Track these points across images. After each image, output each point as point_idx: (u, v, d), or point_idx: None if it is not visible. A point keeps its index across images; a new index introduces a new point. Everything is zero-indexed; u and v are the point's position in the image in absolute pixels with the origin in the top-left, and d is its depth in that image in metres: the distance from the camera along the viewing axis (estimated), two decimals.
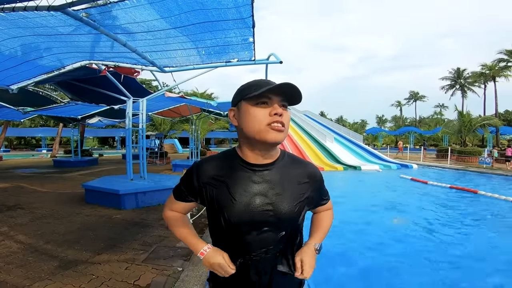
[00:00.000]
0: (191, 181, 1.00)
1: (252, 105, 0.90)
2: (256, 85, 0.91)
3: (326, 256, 3.71)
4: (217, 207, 0.95)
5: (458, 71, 42.43)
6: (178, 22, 3.04)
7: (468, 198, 7.31)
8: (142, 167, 6.95)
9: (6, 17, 2.68)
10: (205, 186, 0.97)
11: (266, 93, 0.88)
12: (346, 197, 7.58)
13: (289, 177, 0.99)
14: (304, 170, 1.04)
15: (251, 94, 0.89)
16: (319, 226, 1.17)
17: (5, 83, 4.81)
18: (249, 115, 0.90)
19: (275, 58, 5.00)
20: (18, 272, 3.00)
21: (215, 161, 1.00)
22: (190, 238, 1.07)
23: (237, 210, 0.92)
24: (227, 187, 0.94)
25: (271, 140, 0.89)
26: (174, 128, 24.12)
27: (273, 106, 0.89)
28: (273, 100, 0.89)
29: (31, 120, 33.24)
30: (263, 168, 0.96)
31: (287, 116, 0.92)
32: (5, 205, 6.08)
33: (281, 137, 0.90)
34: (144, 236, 4.12)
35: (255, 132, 0.89)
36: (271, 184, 0.95)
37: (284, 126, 0.90)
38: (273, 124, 0.88)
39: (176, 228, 1.11)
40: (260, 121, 0.88)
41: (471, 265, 3.51)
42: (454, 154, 18.38)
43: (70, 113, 12.38)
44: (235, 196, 0.92)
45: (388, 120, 64.70)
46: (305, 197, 1.02)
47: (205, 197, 0.98)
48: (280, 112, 0.88)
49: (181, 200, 1.07)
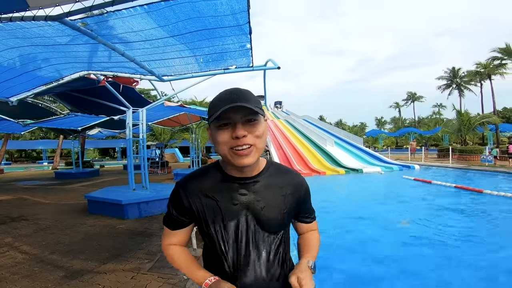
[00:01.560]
0: (179, 199, 0.96)
1: (215, 128, 0.85)
2: (214, 106, 0.83)
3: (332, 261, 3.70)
4: (206, 221, 0.93)
5: (454, 70, 42.57)
6: (175, 31, 3.08)
7: (473, 197, 7.27)
8: (143, 177, 6.95)
9: (4, 27, 2.71)
10: (194, 202, 0.94)
11: (222, 115, 0.80)
12: (349, 200, 7.58)
13: (274, 188, 0.97)
14: (290, 180, 1.01)
15: (211, 118, 0.83)
16: (308, 245, 1.09)
17: (4, 95, 4.85)
18: (214, 139, 0.87)
19: (272, 64, 5.04)
20: (24, 282, 2.99)
21: (199, 177, 0.98)
22: (192, 270, 0.98)
23: (226, 222, 0.91)
24: (214, 201, 0.92)
25: (238, 165, 0.85)
26: (174, 137, 24.16)
27: (234, 128, 0.82)
28: (234, 119, 0.82)
29: (31, 133, 33.39)
30: (248, 181, 0.94)
31: (256, 131, 0.85)
32: (9, 216, 6.09)
33: (248, 161, 0.84)
34: (148, 245, 4.11)
35: (223, 156, 0.87)
36: (258, 195, 0.93)
37: (251, 146, 0.84)
38: (235, 149, 0.83)
39: (177, 263, 1.02)
40: (223, 145, 0.84)
41: (483, 265, 3.48)
42: (455, 153, 18.37)
43: (70, 124, 12.43)
44: (223, 209, 0.91)
45: (387, 122, 64.71)
46: (294, 206, 1.00)
47: (195, 212, 0.94)
48: (241, 134, 0.81)
49: (175, 227, 1.01)
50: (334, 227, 5.06)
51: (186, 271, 0.99)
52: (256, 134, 0.85)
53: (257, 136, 0.85)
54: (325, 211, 6.32)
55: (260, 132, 0.86)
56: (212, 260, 0.98)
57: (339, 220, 5.58)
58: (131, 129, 6.89)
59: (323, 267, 3.40)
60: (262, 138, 0.87)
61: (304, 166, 14.26)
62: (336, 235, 4.66)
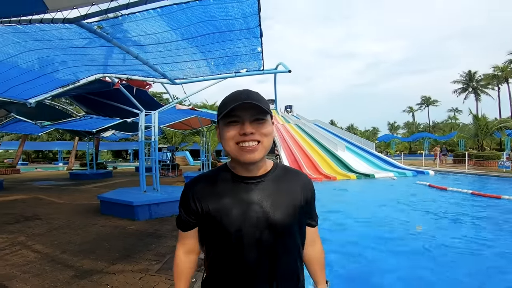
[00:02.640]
0: (188, 200, 0.97)
1: (224, 125, 0.89)
2: (225, 104, 0.88)
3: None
4: (212, 221, 0.92)
5: (470, 73, 41.72)
6: (187, 34, 3.12)
7: (491, 203, 7.04)
8: (155, 179, 7.02)
9: (23, 30, 2.80)
10: (201, 202, 0.94)
11: (231, 112, 0.85)
12: (361, 205, 7.45)
13: (282, 188, 0.97)
14: (297, 180, 1.02)
15: (221, 115, 0.88)
16: (317, 267, 1.14)
17: (23, 97, 4.99)
18: (222, 135, 0.90)
19: (283, 67, 5.04)
20: (34, 281, 3.04)
21: (207, 177, 1.00)
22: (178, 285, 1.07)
23: (233, 222, 0.89)
24: (222, 201, 0.92)
25: (245, 161, 0.87)
26: (185, 140, 24.44)
27: (242, 125, 0.86)
28: (243, 117, 0.86)
29: (48, 134, 34.29)
30: (256, 180, 0.94)
31: (264, 129, 0.88)
32: (23, 215, 6.24)
33: (255, 157, 0.87)
34: (157, 246, 4.13)
35: (229, 152, 0.89)
36: (265, 195, 0.93)
37: (258, 143, 0.87)
38: (242, 145, 0.86)
39: (174, 273, 1.08)
40: (230, 141, 0.87)
41: (503, 272, 3.39)
42: (471, 159, 17.88)
43: (85, 126, 12.72)
44: (231, 208, 0.90)
45: (400, 127, 63.75)
46: (301, 206, 0.99)
47: (201, 212, 0.94)
48: (249, 131, 0.85)
49: (185, 228, 1.02)
50: (345, 233, 4.99)
51: (176, 281, 1.07)
52: (263, 132, 0.87)
53: (264, 134, 0.88)
54: (336, 216, 6.24)
55: (267, 130, 0.88)
56: (218, 266, 0.95)
57: (351, 226, 5.49)
58: (143, 131, 6.98)
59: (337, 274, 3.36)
60: (269, 137, 0.89)
61: (315, 171, 14.13)
62: (347, 241, 4.58)
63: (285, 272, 0.96)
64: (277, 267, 0.93)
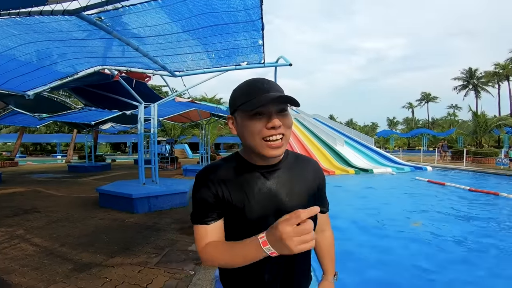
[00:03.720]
0: (207, 188, 0.89)
1: (247, 117, 0.84)
2: (248, 93, 0.84)
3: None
4: (233, 209, 0.89)
5: (470, 71, 41.67)
6: (188, 26, 3.07)
7: (489, 200, 7.08)
8: (154, 172, 7.01)
9: (22, 22, 2.74)
10: (222, 189, 0.89)
11: (260, 105, 0.80)
12: (363, 200, 7.47)
13: (297, 175, 0.98)
14: (309, 167, 1.04)
15: (244, 107, 0.83)
16: (327, 255, 1.16)
17: (21, 89, 4.94)
18: (245, 128, 0.85)
19: (284, 61, 4.99)
20: (33, 275, 3.04)
21: (220, 166, 0.94)
22: (241, 248, 0.79)
23: (254, 210, 0.88)
24: (240, 189, 0.90)
25: (268, 156, 0.85)
26: (184, 133, 24.40)
27: (269, 118, 0.82)
28: (269, 110, 0.82)
29: (46, 126, 34.10)
30: (271, 169, 0.93)
31: (288, 122, 0.86)
32: (22, 208, 6.22)
33: (279, 152, 0.85)
34: (156, 239, 4.13)
35: (252, 146, 0.85)
36: (281, 182, 0.93)
37: (283, 138, 0.85)
38: (270, 141, 0.83)
39: (220, 255, 0.84)
40: (256, 135, 0.83)
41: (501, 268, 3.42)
42: (469, 155, 17.93)
43: (84, 119, 12.65)
44: (250, 196, 0.89)
45: (399, 122, 63.75)
46: (314, 192, 1.01)
47: (222, 199, 0.89)
48: (278, 125, 0.82)
49: (211, 219, 0.89)
50: (345, 228, 5.00)
51: (236, 255, 0.80)
52: (287, 125, 0.86)
53: (288, 126, 0.87)
54: (335, 210, 6.25)
55: (290, 122, 0.88)
56: None
57: (350, 221, 5.51)
58: (142, 124, 6.95)
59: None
60: (291, 128, 0.89)
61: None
62: (347, 236, 4.60)
63: (301, 260, 0.99)
64: (295, 255, 0.92)
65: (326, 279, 1.15)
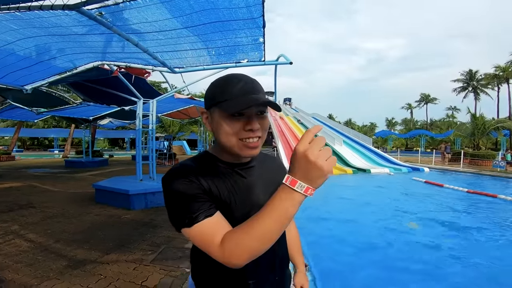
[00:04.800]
0: (188, 181, 0.77)
1: (224, 116, 0.79)
2: (230, 92, 0.78)
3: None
4: (222, 205, 0.82)
5: (471, 73, 41.74)
6: (189, 22, 3.04)
7: (487, 202, 7.11)
8: (151, 168, 6.98)
9: (22, 17, 2.71)
10: (205, 183, 0.79)
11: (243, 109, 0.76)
12: (360, 200, 7.47)
13: (269, 171, 0.99)
14: (276, 164, 1.07)
15: (226, 106, 0.77)
16: (295, 249, 1.20)
17: (19, 83, 4.90)
18: (221, 127, 0.80)
19: (284, 59, 4.97)
20: (26, 271, 3.01)
21: (195, 164, 0.86)
22: (269, 207, 0.68)
23: (239, 207, 0.85)
24: (223, 185, 0.84)
25: (245, 156, 0.82)
26: (182, 130, 24.32)
27: (248, 120, 0.79)
28: (250, 112, 0.79)
29: (44, 121, 33.94)
30: (245, 167, 0.91)
31: (265, 124, 0.84)
32: (17, 203, 6.18)
33: (256, 152, 0.83)
34: (152, 236, 4.11)
35: (227, 145, 0.82)
36: (257, 179, 0.92)
37: (260, 139, 0.82)
38: (247, 141, 0.79)
39: (247, 230, 0.69)
40: (233, 135, 0.79)
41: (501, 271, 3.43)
42: (467, 157, 17.98)
43: (82, 114, 12.58)
44: (234, 193, 0.85)
45: (398, 123, 63.90)
46: None
47: (208, 192, 0.79)
48: (257, 128, 0.79)
49: (208, 210, 0.75)
50: (340, 228, 5.00)
51: (268, 220, 0.67)
52: (265, 127, 0.84)
53: (265, 129, 0.85)
54: (331, 210, 6.26)
55: (267, 125, 0.86)
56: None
57: (346, 221, 5.51)
58: (141, 119, 6.92)
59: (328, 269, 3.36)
60: (267, 131, 0.87)
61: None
62: (341, 236, 4.60)
63: (282, 256, 0.99)
64: (277, 252, 0.95)
65: (300, 271, 1.19)
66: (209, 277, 0.90)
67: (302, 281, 1.17)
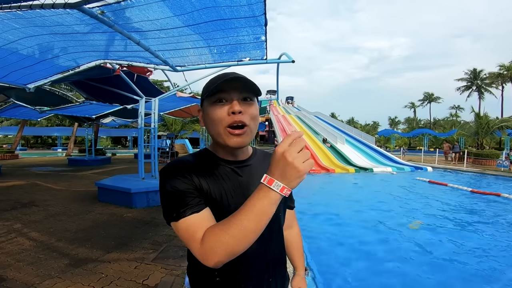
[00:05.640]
0: (181, 177, 0.78)
1: (210, 105, 0.82)
2: (212, 82, 0.81)
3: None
4: (212, 203, 0.81)
5: (475, 72, 41.44)
6: (190, 20, 3.01)
7: (492, 200, 7.07)
8: (153, 166, 6.99)
9: (24, 16, 2.70)
10: (197, 180, 0.80)
11: (220, 88, 0.79)
12: (363, 199, 7.46)
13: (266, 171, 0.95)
14: None
15: (205, 94, 0.81)
16: (296, 251, 1.18)
17: (22, 82, 4.91)
18: (208, 117, 0.83)
19: (287, 57, 4.93)
20: (28, 270, 3.02)
21: (191, 160, 0.87)
22: (247, 205, 0.67)
23: (231, 205, 0.83)
24: (216, 182, 0.84)
25: (232, 145, 0.82)
26: (185, 128, 24.36)
27: (231, 103, 0.80)
28: (232, 95, 0.80)
29: (47, 120, 34.11)
30: (242, 164, 0.91)
31: (251, 111, 0.82)
32: (20, 202, 6.21)
33: (242, 141, 0.81)
34: (154, 235, 4.11)
35: (215, 135, 0.83)
36: (253, 178, 0.90)
37: (246, 126, 0.81)
38: (231, 127, 0.80)
39: (225, 228, 0.67)
40: (218, 122, 0.80)
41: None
42: (470, 156, 17.86)
43: (85, 112, 12.61)
44: (227, 191, 0.85)
45: (401, 122, 63.61)
46: None
47: (199, 189, 0.79)
48: (238, 110, 0.79)
49: (195, 207, 0.75)
50: (344, 226, 4.98)
51: (244, 219, 0.66)
52: (251, 114, 0.83)
53: (252, 117, 0.83)
54: (332, 209, 6.24)
55: (255, 113, 0.85)
56: None
57: (349, 219, 5.49)
58: (143, 118, 6.93)
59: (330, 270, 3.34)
60: (256, 121, 0.85)
61: (314, 163, 14.16)
62: (345, 236, 4.58)
63: (277, 257, 0.97)
64: (270, 252, 0.93)
65: (298, 274, 1.16)
66: (202, 275, 0.91)
67: (300, 284, 1.14)
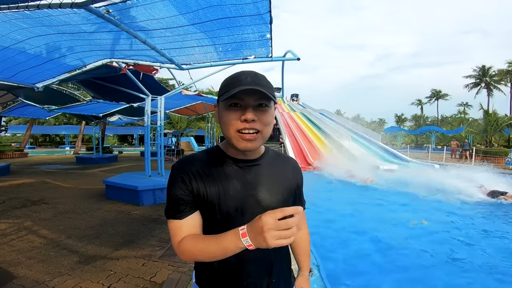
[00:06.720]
0: (181, 181, 0.88)
1: (225, 107, 0.85)
2: (230, 84, 0.83)
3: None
4: (208, 205, 0.88)
5: (484, 68, 40.83)
6: (196, 19, 3.02)
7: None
8: (160, 164, 7.04)
9: (31, 15, 2.73)
10: (197, 182, 0.87)
11: (235, 95, 0.80)
12: (368, 196, 7.41)
13: (276, 172, 0.97)
14: (289, 165, 1.04)
15: (223, 96, 0.82)
16: (303, 252, 1.18)
17: (30, 81, 4.97)
18: (221, 119, 0.87)
19: (292, 55, 4.91)
20: (39, 267, 3.07)
21: (199, 158, 0.93)
22: (219, 240, 0.78)
23: (230, 205, 0.87)
24: (216, 183, 0.88)
25: (242, 149, 0.85)
26: (190, 126, 24.44)
27: (244, 110, 0.82)
28: (246, 101, 0.82)
29: (55, 118, 34.49)
30: (250, 164, 0.92)
31: (265, 118, 0.84)
32: (30, 200, 6.31)
33: (252, 146, 0.84)
34: (161, 232, 4.15)
35: (227, 137, 0.86)
36: (260, 179, 0.92)
37: (257, 133, 0.84)
38: (242, 132, 0.82)
39: (198, 249, 0.82)
40: (231, 126, 0.83)
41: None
42: (478, 154, 17.62)
43: (92, 111, 12.74)
44: (226, 191, 0.87)
45: (407, 119, 62.97)
46: (293, 191, 1.01)
47: (197, 194, 0.87)
48: (251, 118, 0.81)
49: (183, 214, 0.88)
50: (345, 224, 4.97)
51: (213, 245, 0.78)
52: (264, 121, 0.84)
53: (265, 124, 0.85)
54: (337, 208, 6.22)
55: (269, 119, 0.86)
56: None
57: (354, 218, 5.47)
58: (149, 116, 6.97)
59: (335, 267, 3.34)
60: (269, 126, 0.87)
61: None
62: (349, 233, 4.57)
63: (280, 257, 1.00)
64: (274, 252, 0.95)
65: (302, 275, 1.18)
66: (207, 272, 0.95)
67: (302, 285, 1.15)
